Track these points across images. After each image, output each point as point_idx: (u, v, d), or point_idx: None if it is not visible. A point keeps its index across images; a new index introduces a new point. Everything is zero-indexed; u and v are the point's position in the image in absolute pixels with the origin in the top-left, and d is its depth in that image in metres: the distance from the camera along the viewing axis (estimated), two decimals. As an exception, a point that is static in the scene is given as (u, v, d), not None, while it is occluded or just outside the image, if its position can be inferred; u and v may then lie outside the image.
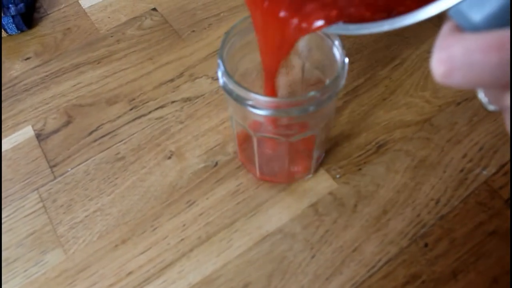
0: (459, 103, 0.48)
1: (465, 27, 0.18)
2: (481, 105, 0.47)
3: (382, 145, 0.46)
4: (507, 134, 0.46)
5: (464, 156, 0.45)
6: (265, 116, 0.33)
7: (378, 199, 0.43)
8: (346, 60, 0.33)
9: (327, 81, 0.36)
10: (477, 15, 0.18)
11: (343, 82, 0.33)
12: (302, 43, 0.37)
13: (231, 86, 0.33)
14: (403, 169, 0.44)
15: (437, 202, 0.42)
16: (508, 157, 0.44)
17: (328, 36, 0.35)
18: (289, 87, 0.43)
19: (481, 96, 0.23)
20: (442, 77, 0.18)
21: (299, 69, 0.40)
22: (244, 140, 0.41)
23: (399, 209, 0.42)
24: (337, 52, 0.35)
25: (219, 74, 0.34)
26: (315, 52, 0.38)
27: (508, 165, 0.44)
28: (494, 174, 0.44)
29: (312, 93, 0.31)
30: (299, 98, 0.32)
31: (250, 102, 0.33)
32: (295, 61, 0.39)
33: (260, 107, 0.32)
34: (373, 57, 0.52)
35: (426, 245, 0.40)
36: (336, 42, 0.34)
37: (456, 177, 0.44)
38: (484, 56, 0.16)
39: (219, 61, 0.33)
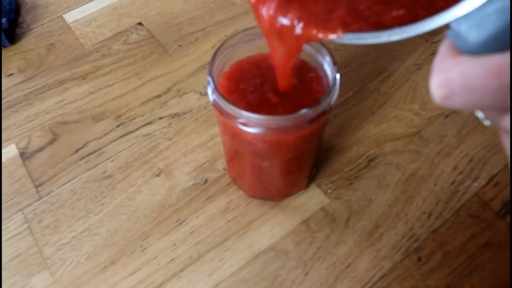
0: (447, 115, 0.48)
1: (463, 49, 0.18)
2: (469, 117, 0.48)
3: (373, 159, 0.45)
4: (496, 145, 0.46)
5: (455, 168, 0.45)
6: (256, 135, 0.32)
7: (370, 213, 0.42)
8: (338, 76, 0.33)
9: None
10: (475, 37, 0.18)
11: (335, 98, 0.33)
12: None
13: (222, 103, 0.32)
14: (394, 182, 0.44)
15: (429, 215, 0.42)
16: (498, 169, 0.44)
17: (319, 51, 0.35)
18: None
19: (478, 113, 0.23)
20: (441, 100, 0.18)
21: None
22: (234, 157, 0.40)
23: (392, 223, 0.42)
24: (329, 68, 0.34)
25: (209, 91, 0.33)
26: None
27: (498, 176, 0.44)
28: (485, 185, 0.44)
29: (304, 111, 0.31)
30: (291, 115, 0.31)
31: (241, 120, 0.32)
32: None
33: (251, 125, 0.32)
34: (361, 70, 0.52)
35: (419, 259, 0.40)
36: (328, 58, 0.34)
37: (447, 190, 0.43)
38: (483, 82, 0.16)
39: (209, 78, 0.33)
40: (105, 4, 0.63)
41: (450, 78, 0.17)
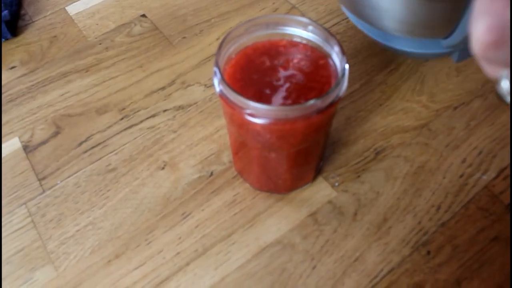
0: (456, 107, 0.48)
1: None
2: (478, 109, 0.47)
3: (380, 151, 0.45)
4: (505, 138, 0.45)
5: (463, 161, 0.44)
6: (263, 125, 0.32)
7: (378, 206, 0.42)
8: (347, 66, 0.32)
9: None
10: None
11: (344, 89, 0.32)
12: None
13: (229, 94, 0.32)
14: (402, 175, 0.43)
15: (438, 208, 0.41)
16: (507, 161, 0.44)
17: (327, 41, 0.34)
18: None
19: (504, 85, 0.19)
20: (488, 48, 0.15)
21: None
22: (240, 149, 0.40)
23: (400, 217, 0.41)
24: (337, 58, 0.34)
25: (215, 81, 0.33)
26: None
27: (508, 170, 0.43)
28: (494, 178, 0.43)
29: (312, 101, 0.30)
30: (299, 106, 0.31)
31: (248, 111, 0.31)
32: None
33: (259, 115, 0.31)
34: (368, 62, 0.52)
35: (428, 252, 0.39)
36: (336, 48, 0.34)
37: (456, 183, 0.43)
38: None
39: (216, 69, 0.32)
40: (108, -4, 0.62)
41: (504, 22, 0.14)
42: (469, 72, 0.50)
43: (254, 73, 0.35)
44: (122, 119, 0.49)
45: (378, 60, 0.52)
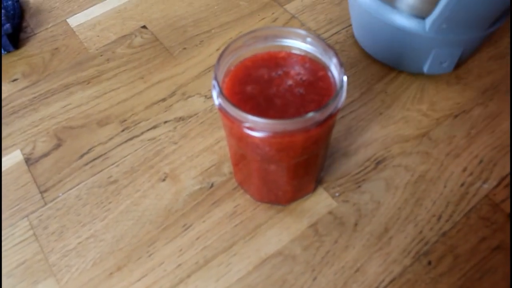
0: (456, 116, 0.48)
1: None
2: (478, 117, 0.47)
3: (381, 161, 0.45)
4: (506, 146, 0.45)
5: (464, 169, 0.44)
6: (262, 138, 0.32)
7: (378, 217, 0.42)
8: (345, 78, 0.32)
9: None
10: None
11: (342, 100, 0.32)
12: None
13: (227, 107, 0.32)
14: (403, 185, 0.43)
15: (439, 218, 0.41)
16: (508, 170, 0.44)
17: (325, 53, 0.34)
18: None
19: None
20: None
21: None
22: (240, 161, 0.40)
23: (401, 227, 0.41)
24: (335, 69, 0.34)
25: (214, 95, 0.33)
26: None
27: (509, 177, 0.43)
28: (495, 187, 0.43)
29: (311, 114, 0.30)
30: (298, 119, 0.31)
31: (247, 124, 0.31)
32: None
33: (258, 129, 0.31)
34: (368, 70, 0.52)
35: (429, 262, 0.39)
36: (334, 60, 0.34)
37: (457, 192, 0.43)
38: None
39: (214, 82, 0.32)
40: (109, 7, 0.62)
41: None
42: (469, 79, 0.50)
43: (253, 86, 0.35)
44: (123, 131, 0.49)
45: (378, 68, 0.52)
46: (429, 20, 0.43)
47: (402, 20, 0.45)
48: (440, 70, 0.49)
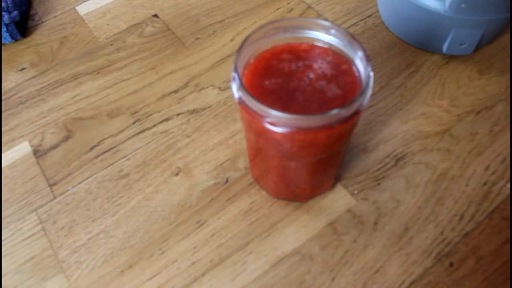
0: (478, 112, 0.46)
1: None
2: (501, 114, 0.45)
3: (401, 158, 0.43)
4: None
5: (487, 168, 0.43)
6: (284, 134, 0.31)
7: (399, 215, 0.40)
8: (372, 73, 0.31)
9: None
10: None
11: (368, 97, 0.31)
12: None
13: (248, 101, 0.30)
14: (423, 183, 0.42)
15: (461, 218, 0.40)
16: (533, 169, 0.42)
17: (351, 46, 0.33)
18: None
19: None
20: None
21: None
22: (257, 156, 0.39)
23: (422, 226, 0.40)
24: (361, 64, 0.32)
25: (234, 88, 0.32)
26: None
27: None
28: (519, 187, 0.42)
29: (336, 110, 0.29)
30: (322, 115, 0.29)
31: (268, 119, 0.30)
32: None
33: (280, 124, 0.30)
34: (387, 64, 0.50)
35: (451, 264, 0.38)
36: (360, 53, 0.32)
37: (479, 191, 0.41)
38: None
39: (235, 74, 0.31)
40: (119, -5, 0.61)
41: None
42: (492, 74, 0.49)
43: (273, 79, 0.33)
44: (134, 123, 0.47)
45: (397, 62, 0.50)
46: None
47: None
48: (459, 51, 0.49)
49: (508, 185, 0.42)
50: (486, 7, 0.43)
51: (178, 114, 0.48)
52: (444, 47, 0.48)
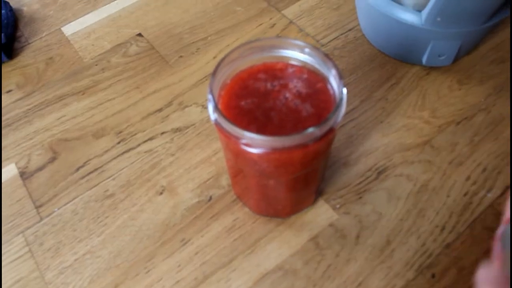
0: (458, 122, 0.47)
1: None
2: (481, 124, 0.46)
3: (382, 170, 0.44)
4: (509, 154, 0.44)
5: (468, 178, 0.43)
6: (260, 155, 0.31)
7: (380, 228, 0.41)
8: (345, 91, 0.31)
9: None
10: None
11: (342, 114, 0.32)
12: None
13: (223, 123, 0.31)
14: (405, 195, 0.42)
15: (442, 229, 0.40)
16: (512, 178, 0.43)
17: (324, 64, 0.34)
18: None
19: None
20: None
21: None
22: (237, 174, 0.39)
23: (403, 239, 0.40)
24: (335, 81, 0.33)
25: (210, 109, 0.32)
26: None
27: (513, 186, 0.42)
28: (500, 196, 0.42)
29: (310, 129, 0.30)
30: (296, 135, 0.30)
31: (244, 141, 0.31)
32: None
33: (255, 145, 0.30)
34: (368, 77, 0.51)
35: (433, 276, 0.38)
36: (333, 72, 0.33)
37: (460, 202, 0.42)
38: None
39: (210, 96, 0.32)
40: (104, 15, 0.61)
41: None
42: (471, 84, 0.49)
43: (249, 99, 0.34)
44: (119, 143, 0.48)
45: (378, 75, 0.51)
46: (424, 13, 0.45)
47: (401, 13, 0.47)
48: (438, 62, 0.50)
49: (489, 195, 0.42)
50: (461, 20, 0.44)
51: (162, 133, 0.48)
52: (424, 59, 0.49)
